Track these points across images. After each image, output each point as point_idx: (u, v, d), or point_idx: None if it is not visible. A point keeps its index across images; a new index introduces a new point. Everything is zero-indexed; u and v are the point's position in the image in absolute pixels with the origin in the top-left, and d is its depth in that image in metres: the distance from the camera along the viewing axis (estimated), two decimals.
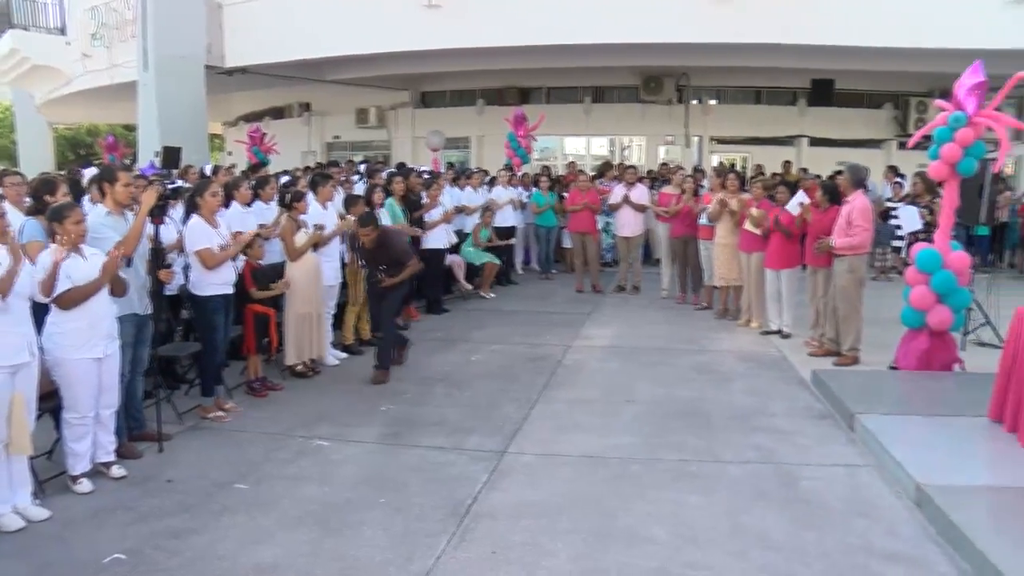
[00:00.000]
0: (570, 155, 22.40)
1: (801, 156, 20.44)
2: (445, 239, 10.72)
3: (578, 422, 6.46)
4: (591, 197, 12.48)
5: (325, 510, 4.79)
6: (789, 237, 8.96)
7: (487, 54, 17.24)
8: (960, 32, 14.60)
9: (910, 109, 20.37)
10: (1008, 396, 5.91)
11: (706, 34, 15.51)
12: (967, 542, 4.22)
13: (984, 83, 7.20)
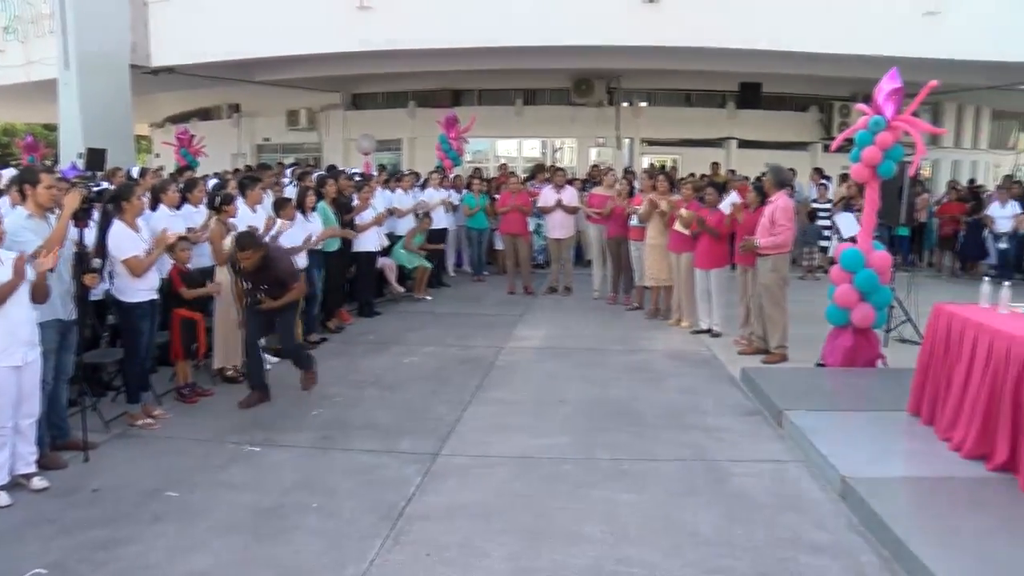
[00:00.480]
0: (502, 157, 22.45)
1: (730, 158, 20.82)
2: (377, 242, 10.66)
3: (511, 423, 6.50)
4: (522, 199, 12.55)
5: (258, 516, 4.75)
6: (717, 238, 9.13)
7: (419, 56, 17.16)
8: (881, 40, 15.11)
9: (834, 113, 20.88)
10: (925, 391, 6.13)
11: (636, 37, 15.69)
12: (887, 531, 4.38)
13: (901, 89, 7.45)
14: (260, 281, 6.91)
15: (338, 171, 12.61)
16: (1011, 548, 4.14)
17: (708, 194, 9.46)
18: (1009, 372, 5.06)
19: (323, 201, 9.51)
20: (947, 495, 4.93)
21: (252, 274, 6.86)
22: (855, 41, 15.48)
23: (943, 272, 16.27)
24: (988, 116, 25.78)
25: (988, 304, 5.93)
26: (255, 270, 6.81)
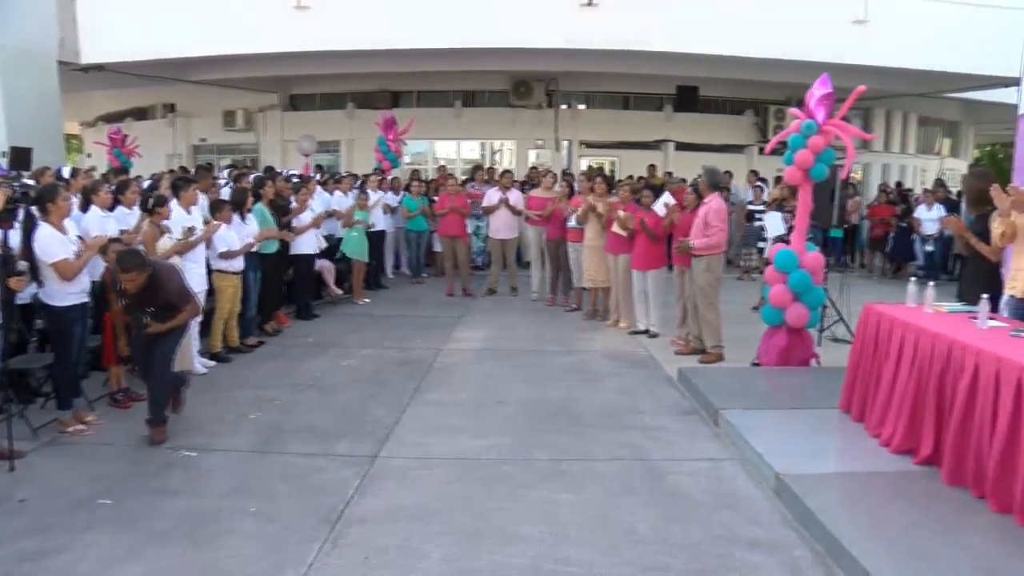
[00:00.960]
0: (441, 159, 22.42)
1: (667, 160, 21.05)
2: (315, 244, 10.57)
3: (450, 424, 6.50)
4: (460, 201, 12.56)
5: (194, 522, 4.67)
6: (654, 239, 9.24)
7: (357, 57, 17.09)
8: (813, 46, 15.49)
9: (769, 116, 21.25)
10: (855, 388, 6.28)
11: (575, 40, 15.84)
12: (820, 526, 4.49)
13: (831, 94, 7.63)
14: (146, 303, 6.12)
15: (276, 172, 12.49)
16: (935, 538, 4.27)
17: (645, 196, 9.56)
18: (933, 369, 5.22)
19: (260, 203, 9.41)
20: (877, 489, 5.05)
21: (137, 296, 6.06)
22: (788, 47, 15.85)
23: (874, 273, 16.70)
24: (915, 122, 26.46)
25: (914, 304, 6.11)
26: (140, 291, 6.03)
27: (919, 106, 24.87)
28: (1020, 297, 5.92)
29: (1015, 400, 4.39)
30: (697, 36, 15.75)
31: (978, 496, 4.71)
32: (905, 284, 6.36)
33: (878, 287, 14.04)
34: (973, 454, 4.78)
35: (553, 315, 11.14)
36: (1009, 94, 8.13)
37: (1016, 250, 5.97)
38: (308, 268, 10.67)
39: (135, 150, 15.11)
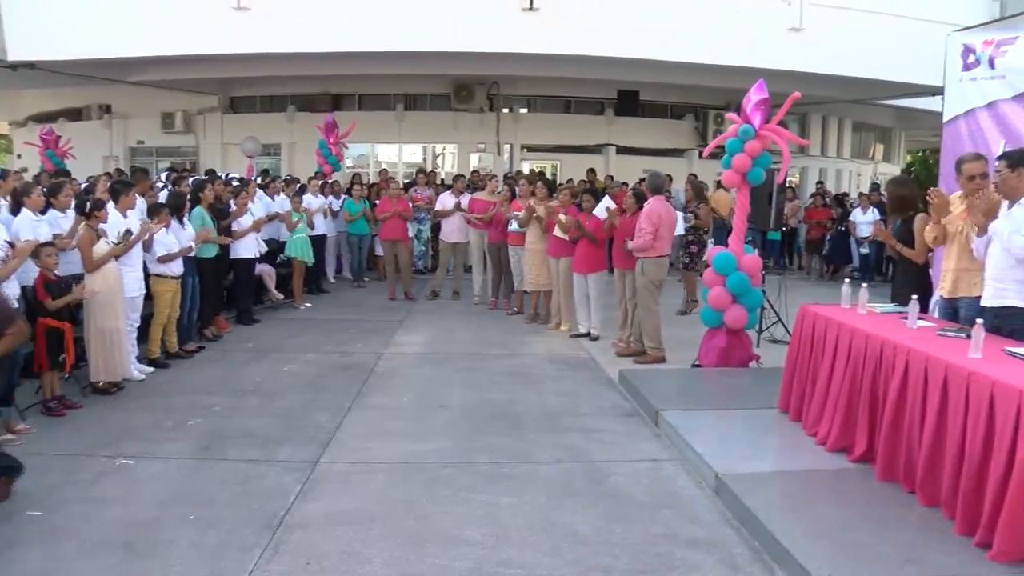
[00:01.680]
0: (383, 163, 22.34)
1: (608, 164, 21.24)
2: (255, 248, 10.46)
3: (391, 428, 6.48)
4: (402, 205, 12.54)
5: (131, 532, 4.58)
6: (595, 242, 9.32)
7: (298, 59, 16.95)
8: (750, 52, 15.75)
9: (709, 121, 21.55)
10: (793, 388, 6.41)
11: (516, 44, 15.88)
12: (758, 524, 4.57)
13: (768, 100, 7.78)
14: None
15: (216, 176, 12.33)
16: (868, 533, 4.39)
17: (585, 200, 9.64)
18: (866, 368, 5.35)
19: (199, 206, 9.29)
20: (813, 487, 5.16)
21: None
22: (727, 53, 16.10)
23: (812, 275, 17.00)
24: (850, 128, 27.04)
25: (848, 305, 6.25)
26: None
27: (853, 112, 25.46)
28: (948, 297, 6.11)
29: (941, 397, 4.53)
30: (637, 41, 15.91)
31: (909, 491, 4.84)
32: (841, 286, 6.51)
33: (815, 289, 14.31)
34: (904, 451, 4.92)
35: (495, 318, 11.18)
36: (936, 102, 8.39)
37: (946, 252, 6.15)
38: (248, 272, 10.57)
39: (69, 152, 14.77)
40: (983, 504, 4.14)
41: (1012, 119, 7.21)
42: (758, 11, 16.61)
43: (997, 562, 3.97)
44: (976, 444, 4.21)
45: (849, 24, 17.04)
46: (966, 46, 7.81)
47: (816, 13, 16.92)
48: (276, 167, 21.25)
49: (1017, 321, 5.39)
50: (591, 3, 15.76)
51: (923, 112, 20.48)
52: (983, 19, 11.96)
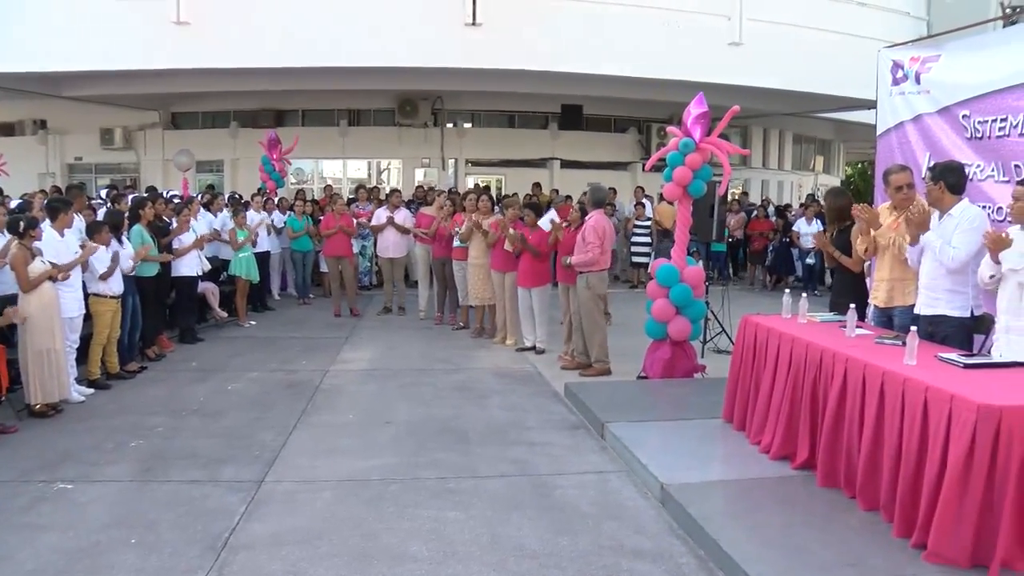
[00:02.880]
0: (328, 178, 22.22)
1: (553, 178, 21.35)
2: (197, 266, 10.33)
3: (337, 446, 6.44)
4: (346, 221, 12.48)
5: (70, 558, 4.47)
6: (539, 256, 9.36)
7: (240, 75, 16.75)
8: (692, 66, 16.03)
9: (652, 134, 21.77)
10: (736, 398, 6.49)
11: (460, 59, 15.91)
12: (703, 533, 4.62)
13: (707, 113, 7.91)
14: None
15: (156, 194, 12.16)
16: (811, 537, 4.47)
17: (527, 216, 9.69)
18: (807, 377, 5.45)
19: (138, 224, 9.15)
20: (757, 495, 5.23)
21: None
22: (669, 67, 16.31)
23: (755, 285, 17.24)
24: (790, 140, 27.55)
25: (789, 315, 6.36)
26: None
27: (794, 125, 25.94)
28: (882, 306, 6.26)
29: (878, 404, 4.63)
30: (580, 56, 16.05)
31: (850, 496, 4.95)
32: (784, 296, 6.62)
33: (759, 299, 14.48)
34: (844, 456, 5.02)
35: (440, 333, 11.18)
36: (872, 115, 8.60)
37: (878, 263, 6.30)
38: (191, 291, 10.43)
39: (2, 168, 14.41)
40: (919, 506, 4.24)
41: (935, 132, 7.43)
42: (699, 27, 16.89)
43: (931, 563, 4.08)
44: (911, 448, 4.32)
45: (787, 39, 17.42)
46: (895, 62, 8.02)
47: (755, 29, 17.25)
48: (219, 183, 21.01)
49: (949, 328, 5.57)
50: (534, 18, 15.87)
51: (860, 125, 20.92)
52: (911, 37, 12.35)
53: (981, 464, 3.92)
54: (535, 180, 19.65)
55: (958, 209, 5.59)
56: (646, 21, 16.35)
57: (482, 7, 15.66)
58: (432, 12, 15.69)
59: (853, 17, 18.47)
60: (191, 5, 15.25)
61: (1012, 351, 4.99)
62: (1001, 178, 6.54)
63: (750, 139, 24.77)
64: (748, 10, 17.27)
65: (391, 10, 15.49)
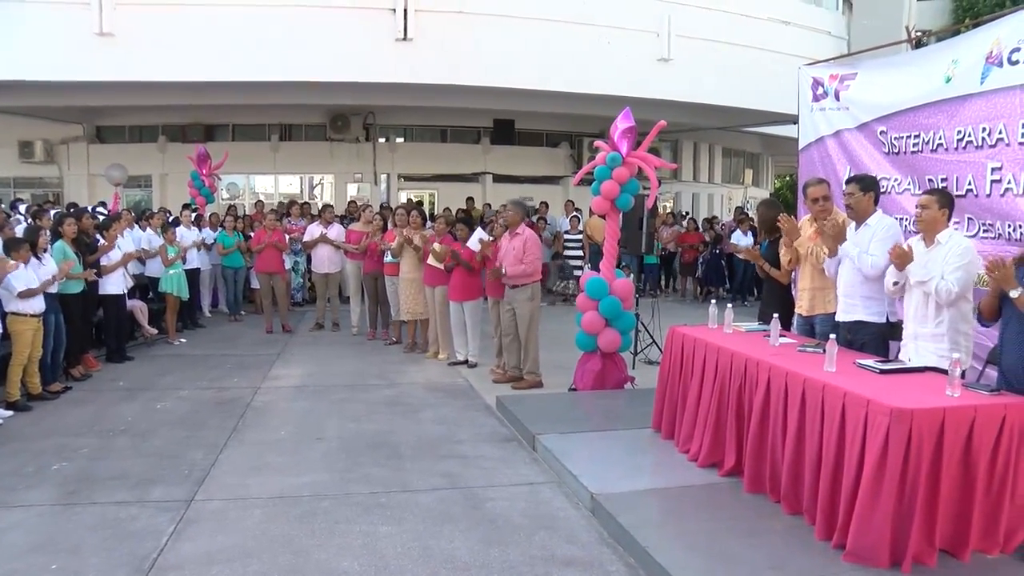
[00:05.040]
0: (260, 194, 21.99)
1: (485, 192, 21.43)
2: (124, 283, 10.15)
3: (268, 463, 6.38)
4: (277, 236, 12.38)
5: None
6: (470, 271, 9.40)
7: (167, 88, 16.46)
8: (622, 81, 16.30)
9: (584, 148, 21.92)
10: (665, 408, 6.59)
11: (391, 74, 15.93)
12: (633, 541, 4.68)
13: (634, 127, 8.04)
14: None
15: (81, 209, 11.92)
16: (737, 543, 4.57)
17: (459, 230, 9.72)
18: (732, 385, 5.57)
19: (61, 240, 8.96)
20: (685, 502, 5.33)
21: None
22: (599, 82, 16.56)
23: (687, 297, 17.51)
24: (720, 153, 28.06)
25: (715, 325, 6.50)
26: None
27: (723, 139, 26.44)
28: (804, 314, 6.44)
29: (800, 410, 4.77)
30: (512, 71, 16.20)
31: (775, 501, 5.07)
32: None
33: (690, 310, 14.72)
34: (769, 462, 5.14)
35: (373, 349, 11.14)
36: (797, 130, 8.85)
37: (800, 273, 6.48)
38: (118, 308, 10.23)
39: None
40: (838, 509, 4.38)
41: (855, 147, 7.66)
42: (628, 42, 17.19)
43: (850, 563, 4.23)
44: (831, 452, 4.46)
45: (714, 56, 17.87)
46: (815, 79, 8.25)
47: (683, 45, 17.63)
48: (147, 199, 20.65)
49: (866, 334, 5.77)
50: (466, 34, 15.97)
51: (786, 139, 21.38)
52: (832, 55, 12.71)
53: (895, 466, 4.07)
54: (468, 195, 19.73)
55: (874, 219, 5.82)
56: (578, 37, 16.58)
57: (414, 22, 15.72)
58: (364, 27, 15.70)
59: (778, 35, 19.07)
60: (115, 16, 14.98)
61: (920, 356, 5.18)
62: (917, 192, 6.77)
63: (680, 153, 25.20)
64: (676, 27, 17.66)
65: (322, 24, 15.46)
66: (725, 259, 16.97)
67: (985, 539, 4.30)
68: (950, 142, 6.50)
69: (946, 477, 4.14)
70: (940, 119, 6.62)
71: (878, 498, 4.12)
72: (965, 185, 6.30)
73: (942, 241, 5.14)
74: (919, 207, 5.23)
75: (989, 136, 6.12)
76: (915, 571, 4.15)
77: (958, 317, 5.09)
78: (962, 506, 4.23)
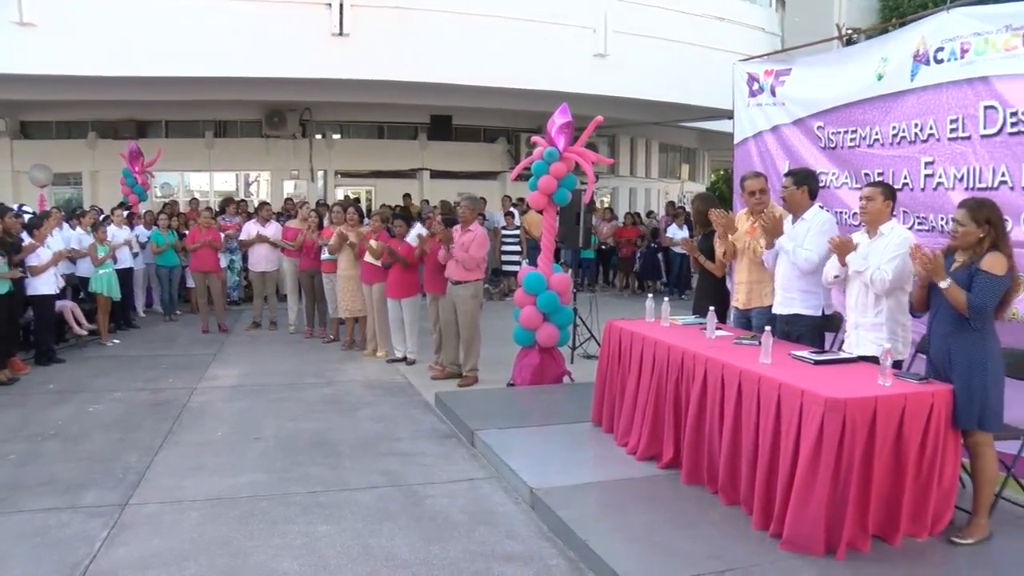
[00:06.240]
0: (195, 191, 21.61)
1: (423, 188, 21.36)
2: (54, 284, 9.90)
3: (205, 464, 6.28)
4: (212, 235, 12.19)
5: None
6: (408, 267, 9.35)
7: (96, 83, 15.93)
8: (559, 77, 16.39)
9: (521, 144, 21.90)
10: (604, 401, 6.64)
11: (327, 70, 15.75)
12: (572, 534, 4.71)
13: (571, 123, 8.08)
14: None
15: (5, 208, 11.58)
16: (676, 534, 4.63)
17: (398, 226, 9.67)
18: (669, 378, 5.63)
19: None
20: (624, 495, 5.37)
21: None
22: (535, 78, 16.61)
23: (624, 291, 17.64)
24: (657, 149, 28.32)
25: (652, 318, 6.55)
26: None
27: (660, 134, 26.68)
28: (741, 308, 6.52)
29: (737, 401, 4.83)
30: (448, 66, 16.14)
31: (713, 492, 5.15)
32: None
33: (628, 304, 14.84)
34: (706, 454, 5.21)
35: (311, 347, 11.03)
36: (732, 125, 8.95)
37: (737, 266, 6.56)
38: (48, 309, 9.98)
39: None
40: (775, 498, 4.45)
41: (793, 141, 7.78)
42: (566, 38, 17.24)
43: (786, 551, 4.31)
44: (767, 442, 4.53)
45: (651, 51, 18.01)
46: (750, 75, 8.36)
47: (620, 40, 17.73)
48: (77, 197, 20.14)
49: (803, 327, 5.86)
50: (401, 29, 15.86)
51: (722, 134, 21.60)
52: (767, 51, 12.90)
53: (829, 455, 4.16)
54: (405, 191, 19.63)
55: (810, 214, 5.91)
56: (514, 32, 16.58)
57: (349, 17, 15.57)
58: (299, 22, 15.49)
59: (713, 31, 19.28)
60: (36, 6, 14.45)
61: (861, 346, 5.27)
62: (854, 185, 6.90)
63: (618, 148, 25.39)
64: (613, 22, 17.75)
65: (257, 19, 15.22)
66: (662, 253, 17.13)
67: (914, 523, 4.43)
68: (885, 137, 6.64)
69: (878, 465, 4.25)
70: (875, 115, 6.76)
71: (813, 487, 4.21)
72: (901, 179, 6.43)
73: (884, 233, 5.23)
74: (863, 199, 5.32)
75: (921, 132, 6.27)
76: (849, 557, 4.25)
77: (896, 308, 5.20)
78: (893, 492, 4.34)
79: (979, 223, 4.46)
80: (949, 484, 4.48)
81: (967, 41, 5.88)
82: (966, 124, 5.89)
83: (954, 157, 5.99)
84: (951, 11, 6.07)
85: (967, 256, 4.54)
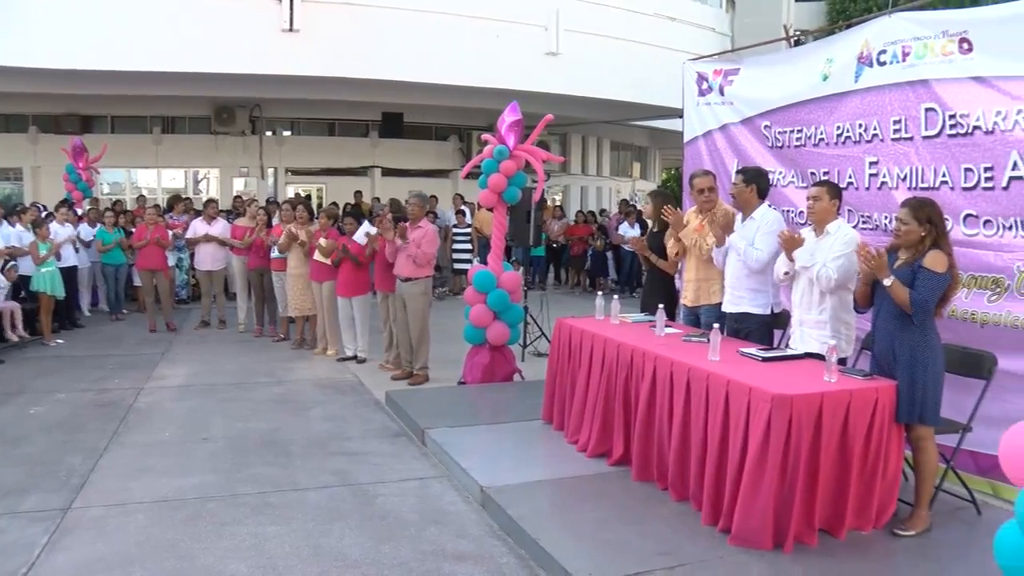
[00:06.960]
0: (142, 188, 21.26)
1: (375, 186, 21.24)
2: None
3: (152, 466, 6.17)
4: (159, 232, 12.01)
5: None
6: (358, 265, 9.30)
7: (37, 75, 15.57)
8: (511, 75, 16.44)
9: (473, 142, 21.91)
10: (554, 399, 6.66)
11: (277, 66, 15.64)
12: (523, 532, 4.72)
13: (521, 121, 8.09)
14: None
15: None
16: (626, 530, 4.66)
17: (348, 224, 9.61)
18: (619, 375, 5.67)
19: None
20: (575, 493, 5.39)
21: None
22: (487, 75, 16.62)
23: (575, 289, 17.71)
24: (608, 147, 28.46)
25: (602, 316, 6.59)
26: None
27: (611, 132, 26.79)
28: (690, 305, 6.58)
29: (685, 398, 4.88)
30: (400, 64, 16.09)
31: (663, 488, 5.20)
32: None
33: (578, 302, 14.88)
34: (656, 451, 5.26)
35: (261, 346, 10.92)
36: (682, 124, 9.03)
37: (687, 264, 6.62)
38: None
39: None
40: (724, 494, 4.50)
41: (741, 140, 7.86)
42: (517, 36, 17.31)
43: (735, 546, 4.37)
44: (715, 439, 4.59)
45: (602, 50, 18.14)
46: (699, 74, 8.43)
47: (571, 39, 17.82)
48: (18, 193, 19.71)
49: (752, 325, 5.93)
50: (352, 25, 15.77)
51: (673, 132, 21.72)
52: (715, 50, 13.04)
53: (776, 450, 4.21)
54: (356, 188, 19.50)
55: (759, 213, 5.97)
56: (466, 30, 16.61)
57: (300, 13, 15.46)
58: (248, 17, 15.35)
59: (664, 31, 19.47)
60: None
61: (805, 343, 5.35)
62: (801, 184, 7.00)
63: (569, 146, 25.47)
64: (565, 21, 17.84)
65: (206, 14, 15.04)
66: (612, 251, 17.22)
67: (860, 517, 4.52)
68: (830, 137, 6.74)
69: (825, 459, 4.32)
70: (820, 115, 6.86)
71: (761, 482, 4.26)
72: (846, 178, 6.52)
73: (831, 231, 5.31)
74: (810, 199, 5.40)
75: (865, 132, 6.38)
76: (796, 551, 4.31)
77: (839, 306, 5.28)
78: (839, 486, 4.42)
79: (921, 222, 4.56)
80: (893, 477, 4.58)
81: (908, 45, 5.99)
82: (908, 125, 6.00)
83: (897, 157, 6.10)
84: (893, 15, 6.20)
85: (909, 254, 4.63)
